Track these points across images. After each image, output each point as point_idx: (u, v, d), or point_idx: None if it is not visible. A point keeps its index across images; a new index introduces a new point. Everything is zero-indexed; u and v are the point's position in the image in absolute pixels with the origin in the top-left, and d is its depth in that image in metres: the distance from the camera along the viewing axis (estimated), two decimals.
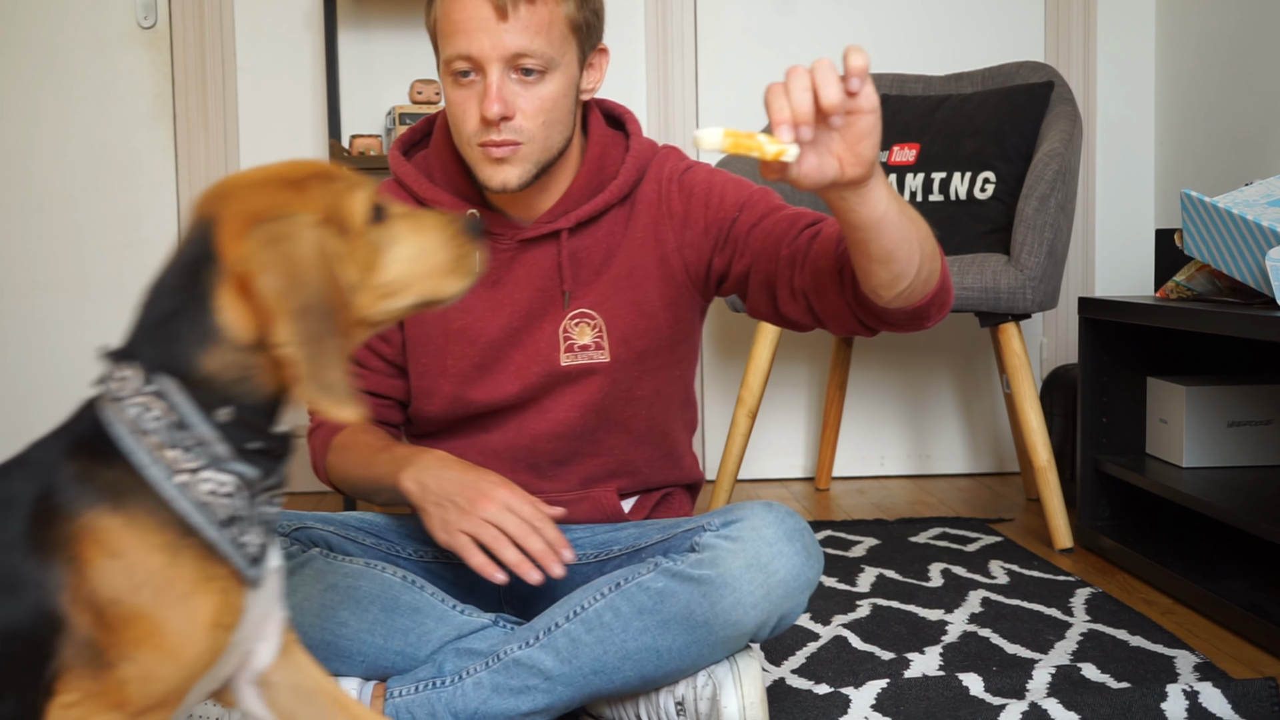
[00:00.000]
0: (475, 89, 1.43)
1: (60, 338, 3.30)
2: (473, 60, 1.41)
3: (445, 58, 1.44)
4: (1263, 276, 1.93)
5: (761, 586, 1.38)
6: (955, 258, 2.53)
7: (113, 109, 3.27)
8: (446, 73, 1.45)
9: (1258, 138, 2.78)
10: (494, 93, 1.40)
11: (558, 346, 1.56)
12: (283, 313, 0.87)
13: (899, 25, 3.29)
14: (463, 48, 1.41)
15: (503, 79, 1.41)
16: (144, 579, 0.86)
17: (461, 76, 1.43)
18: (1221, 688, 1.58)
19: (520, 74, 1.42)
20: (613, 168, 1.57)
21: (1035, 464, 2.52)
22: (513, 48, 1.40)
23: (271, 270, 0.88)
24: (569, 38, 1.45)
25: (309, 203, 0.92)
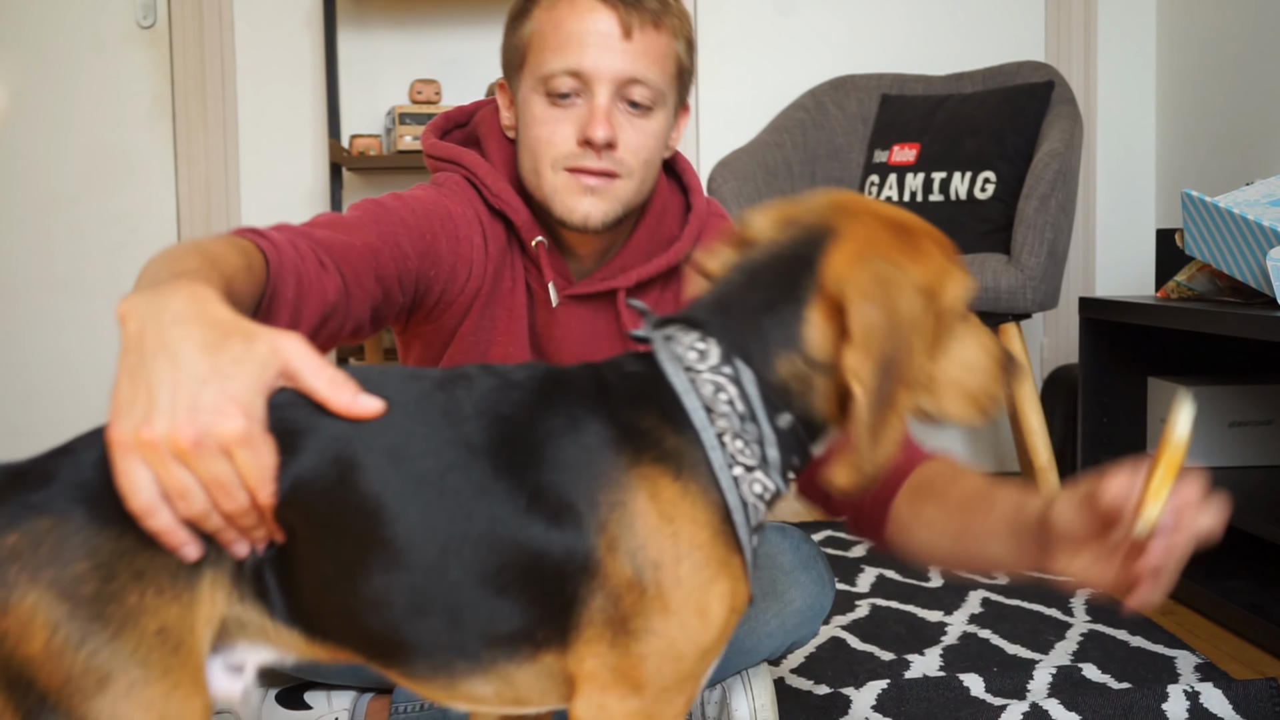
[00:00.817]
0: (574, 111, 1.26)
1: (60, 338, 3.30)
2: (582, 77, 1.24)
3: (546, 72, 1.25)
4: (1263, 276, 1.93)
5: (777, 616, 1.36)
6: None
7: (112, 109, 3.27)
8: (538, 91, 1.26)
9: (1258, 137, 2.78)
10: (603, 114, 1.24)
11: None
12: (865, 349, 0.85)
13: (899, 25, 3.29)
14: (574, 62, 1.24)
15: (611, 104, 1.25)
16: (687, 552, 0.84)
17: (559, 98, 1.26)
18: (1223, 688, 1.58)
19: (627, 105, 1.27)
20: (670, 228, 1.39)
21: (1036, 464, 2.51)
22: (629, 71, 1.25)
23: (872, 306, 0.85)
24: (674, 80, 1.31)
25: (923, 263, 0.90)
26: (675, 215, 1.40)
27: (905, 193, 2.81)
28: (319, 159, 3.26)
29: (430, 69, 3.20)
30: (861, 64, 3.24)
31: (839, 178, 3.02)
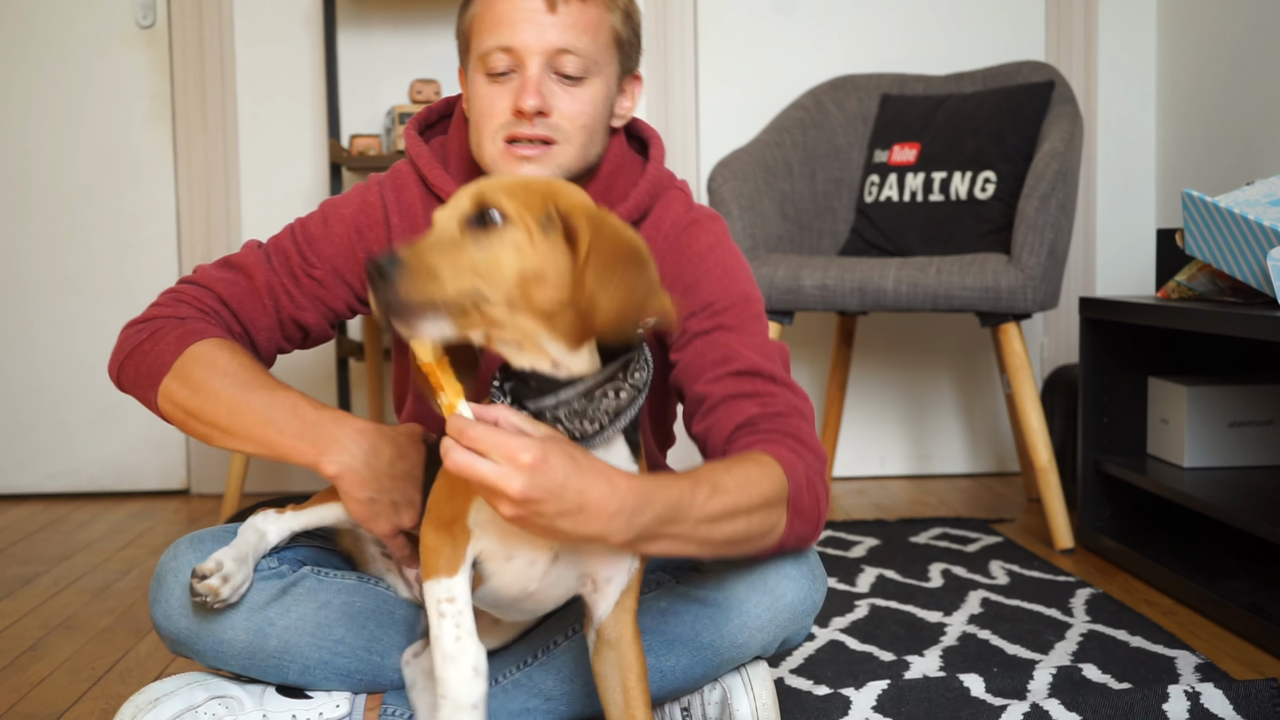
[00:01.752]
0: (509, 85, 1.35)
1: (60, 338, 3.30)
2: (513, 53, 1.34)
3: (481, 52, 1.36)
4: (1264, 276, 1.93)
5: (768, 610, 1.36)
6: (955, 258, 2.52)
7: (112, 109, 3.26)
8: (479, 70, 1.37)
9: (1258, 137, 2.78)
10: (533, 84, 1.33)
11: None
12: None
13: (899, 25, 3.29)
14: (504, 39, 1.33)
15: (542, 74, 1.34)
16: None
17: (497, 75, 1.35)
18: (1223, 688, 1.58)
19: (559, 77, 1.35)
20: (622, 189, 1.46)
21: (1036, 464, 2.51)
22: (557, 43, 1.33)
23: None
24: (611, 49, 1.39)
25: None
26: (630, 179, 1.47)
27: (905, 192, 2.81)
28: (319, 159, 3.26)
29: (430, 69, 3.20)
30: (861, 64, 3.24)
31: (839, 177, 3.02)
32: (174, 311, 1.37)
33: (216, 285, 1.40)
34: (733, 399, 1.32)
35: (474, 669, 1.12)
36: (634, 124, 1.54)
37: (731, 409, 1.32)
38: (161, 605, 1.36)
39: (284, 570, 1.39)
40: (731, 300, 1.38)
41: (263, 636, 1.35)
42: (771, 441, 1.28)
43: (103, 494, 3.33)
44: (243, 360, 1.33)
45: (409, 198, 1.46)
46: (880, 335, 3.34)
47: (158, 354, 1.33)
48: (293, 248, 1.44)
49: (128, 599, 2.27)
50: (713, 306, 1.38)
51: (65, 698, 1.75)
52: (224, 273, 1.42)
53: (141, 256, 3.29)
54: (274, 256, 1.43)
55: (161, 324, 1.35)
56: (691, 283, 1.39)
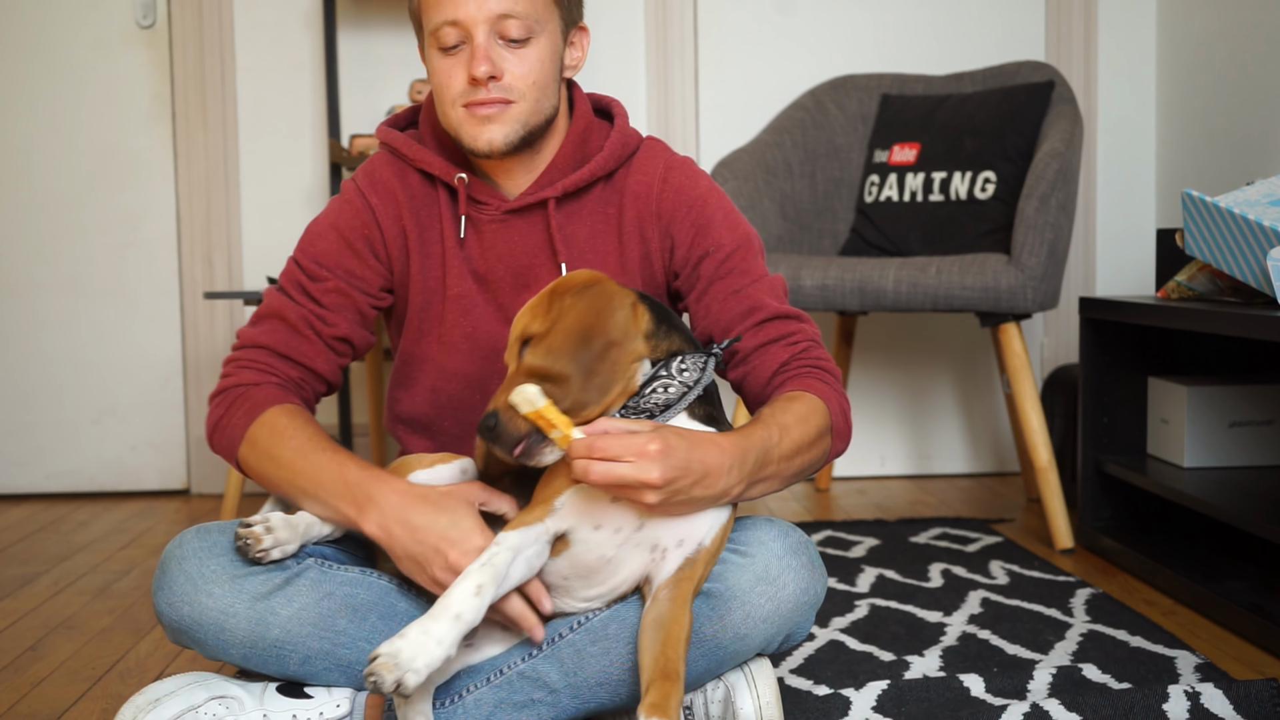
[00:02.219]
0: (461, 56, 1.47)
1: (60, 338, 3.30)
2: (460, 25, 1.45)
3: (431, 28, 1.47)
4: (1264, 276, 1.93)
5: (771, 601, 1.37)
6: (955, 258, 2.52)
7: (112, 109, 3.26)
8: (433, 46, 1.48)
9: (1258, 137, 2.78)
10: (482, 52, 1.45)
11: None
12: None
13: (899, 25, 3.29)
14: (449, 13, 1.45)
15: (489, 41, 1.45)
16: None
17: (449, 49, 1.47)
18: (1223, 688, 1.58)
19: (506, 41, 1.46)
20: (596, 143, 1.59)
21: (1036, 464, 2.51)
22: (498, 9, 1.44)
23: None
24: (551, 6, 1.50)
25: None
26: (600, 134, 1.60)
27: (905, 193, 2.81)
28: (319, 159, 3.26)
29: None
30: (861, 64, 3.24)
31: (839, 178, 3.02)
32: (238, 379, 1.50)
33: (263, 340, 1.52)
34: (763, 347, 1.50)
35: (478, 588, 1.25)
36: (594, 96, 1.65)
37: (765, 356, 1.50)
38: (165, 593, 1.37)
39: (288, 562, 1.40)
40: (737, 241, 1.54)
41: (264, 626, 1.36)
42: (804, 376, 1.47)
43: (103, 494, 3.33)
44: (299, 424, 1.45)
45: (382, 177, 1.57)
46: (880, 335, 3.34)
47: (232, 427, 1.47)
48: (300, 274, 1.54)
49: (128, 599, 2.27)
50: (722, 249, 1.54)
51: (65, 698, 1.75)
52: (262, 327, 1.53)
53: (141, 256, 3.29)
54: (291, 291, 1.54)
55: (233, 395, 1.49)
56: (701, 224, 1.55)
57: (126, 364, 3.31)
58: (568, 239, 1.56)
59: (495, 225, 1.56)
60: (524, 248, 1.56)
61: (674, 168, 1.58)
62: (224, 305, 3.28)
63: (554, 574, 1.37)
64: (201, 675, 1.42)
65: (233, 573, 1.37)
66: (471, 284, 1.57)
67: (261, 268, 3.28)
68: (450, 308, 1.57)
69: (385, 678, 1.18)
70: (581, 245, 1.57)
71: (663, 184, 1.57)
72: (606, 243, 1.57)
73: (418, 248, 1.57)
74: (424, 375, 1.60)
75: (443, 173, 1.55)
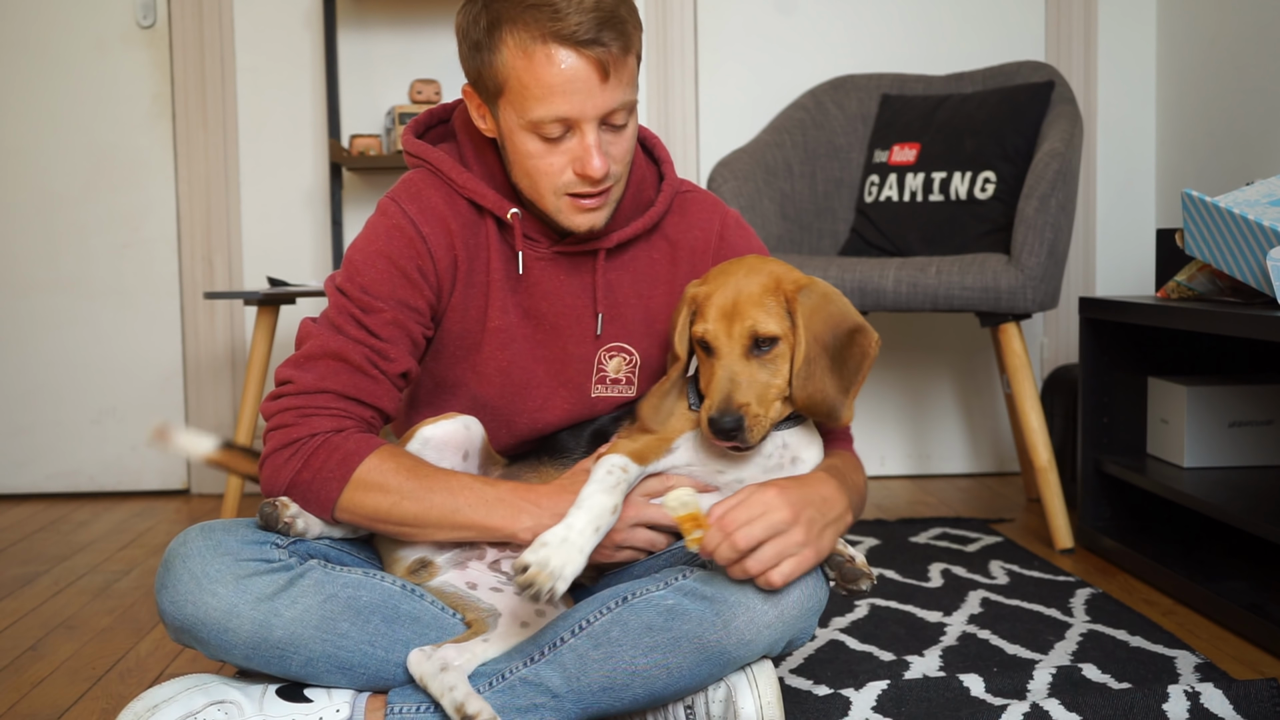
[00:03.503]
0: (565, 146, 1.42)
1: (60, 338, 3.30)
2: (568, 121, 1.40)
3: (534, 119, 1.40)
4: (1264, 276, 1.93)
5: (775, 607, 1.37)
6: (955, 258, 2.52)
7: (112, 109, 3.26)
8: (530, 130, 1.41)
9: (1258, 137, 2.78)
10: (598, 153, 1.41)
11: (589, 375, 1.56)
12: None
13: (899, 25, 3.29)
14: (560, 111, 1.39)
15: (598, 137, 1.42)
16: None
17: (550, 139, 1.42)
18: (1223, 688, 1.58)
19: (609, 127, 1.43)
20: (649, 195, 1.58)
21: (1036, 464, 2.51)
22: (612, 105, 1.41)
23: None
24: (637, 76, 1.47)
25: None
26: (651, 184, 1.60)
27: (905, 193, 2.81)
28: (319, 159, 3.26)
29: (430, 69, 3.20)
30: (861, 64, 3.24)
31: (839, 178, 3.02)
32: (312, 428, 1.42)
33: (328, 383, 1.43)
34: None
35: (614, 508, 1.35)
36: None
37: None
38: (169, 591, 1.36)
39: (291, 563, 1.40)
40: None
41: (268, 627, 1.36)
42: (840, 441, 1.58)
43: (103, 494, 3.33)
44: (405, 465, 1.42)
45: (432, 203, 1.50)
46: (880, 335, 3.33)
47: (323, 484, 1.41)
48: (353, 307, 1.46)
49: (128, 599, 2.27)
50: None
51: (65, 698, 1.75)
52: (320, 368, 1.44)
53: (141, 256, 3.29)
54: (346, 327, 1.45)
55: (310, 446, 1.41)
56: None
57: (126, 364, 3.31)
58: (609, 286, 1.55)
59: (543, 263, 1.53)
60: (569, 288, 1.54)
61: (729, 225, 1.61)
62: (224, 305, 3.28)
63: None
64: (201, 678, 1.41)
65: (237, 573, 1.37)
66: (515, 318, 1.54)
67: (261, 268, 3.28)
68: (489, 340, 1.53)
69: (543, 588, 1.26)
70: (624, 293, 1.56)
71: (720, 240, 1.60)
72: (652, 289, 1.58)
73: (465, 277, 1.51)
74: (455, 402, 1.56)
75: (495, 207, 1.50)
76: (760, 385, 1.39)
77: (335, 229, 3.16)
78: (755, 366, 1.39)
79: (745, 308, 1.40)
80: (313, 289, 2.79)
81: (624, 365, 1.56)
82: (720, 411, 1.35)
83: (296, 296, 2.79)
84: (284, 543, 1.42)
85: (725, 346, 1.40)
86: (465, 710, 1.33)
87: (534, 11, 1.37)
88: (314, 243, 3.28)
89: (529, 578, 1.26)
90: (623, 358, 1.57)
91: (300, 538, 1.43)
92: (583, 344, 1.55)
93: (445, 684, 1.36)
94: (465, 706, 1.33)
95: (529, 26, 1.37)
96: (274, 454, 1.42)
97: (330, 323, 1.46)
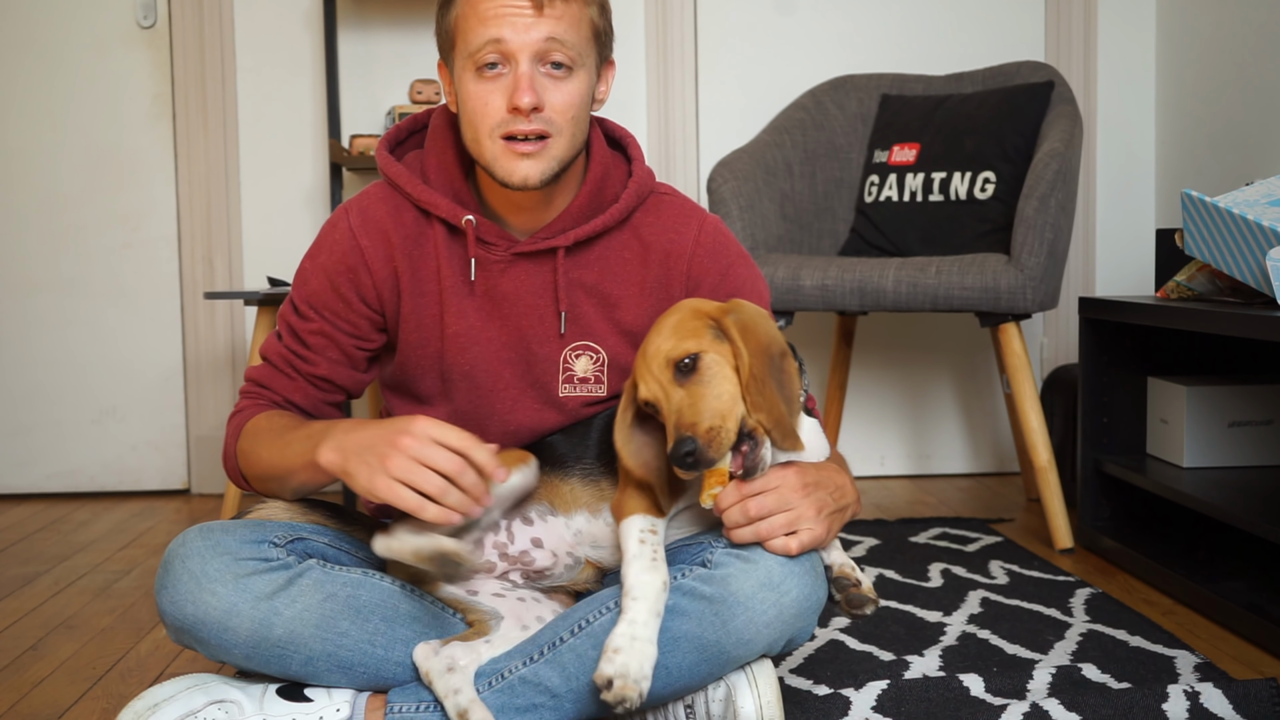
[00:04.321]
0: (501, 81, 1.43)
1: (61, 338, 3.30)
2: (503, 49, 1.41)
3: (471, 48, 1.42)
4: (1263, 276, 1.93)
5: (774, 606, 1.36)
6: (955, 258, 2.52)
7: (112, 109, 3.27)
8: (469, 66, 1.43)
9: (1258, 138, 2.78)
10: (526, 80, 1.41)
11: (555, 375, 1.55)
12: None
13: (899, 25, 3.29)
14: (494, 32, 1.40)
15: (533, 70, 1.42)
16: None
17: (487, 70, 1.42)
18: (1223, 688, 1.58)
19: (549, 68, 1.43)
20: (612, 191, 1.56)
21: (1036, 464, 2.51)
22: (547, 32, 1.41)
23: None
24: (591, 41, 1.47)
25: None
26: (618, 180, 1.58)
27: (905, 193, 2.81)
28: (319, 159, 3.26)
29: (430, 69, 3.20)
30: (861, 64, 3.24)
31: (839, 178, 3.02)
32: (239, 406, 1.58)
33: (256, 376, 1.58)
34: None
35: (664, 584, 1.34)
36: (606, 125, 1.62)
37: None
38: (168, 591, 1.37)
39: (290, 561, 1.40)
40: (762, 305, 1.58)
41: (268, 626, 1.36)
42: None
43: (103, 494, 3.33)
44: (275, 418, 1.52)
45: (377, 215, 1.54)
46: (880, 335, 3.34)
47: (229, 447, 1.56)
48: (293, 316, 1.57)
49: (128, 599, 2.27)
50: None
51: (65, 698, 1.75)
52: (259, 367, 1.59)
53: (141, 256, 3.29)
54: (283, 333, 1.58)
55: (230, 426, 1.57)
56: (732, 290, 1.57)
57: (126, 364, 3.31)
58: (571, 285, 1.54)
59: (501, 266, 1.53)
60: (530, 289, 1.54)
61: (706, 230, 1.58)
62: (224, 305, 3.28)
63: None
64: (201, 678, 1.42)
65: (236, 572, 1.37)
66: (475, 321, 1.54)
67: (261, 268, 3.28)
68: (449, 345, 1.54)
69: (632, 697, 1.28)
70: (589, 290, 1.55)
71: (695, 245, 1.57)
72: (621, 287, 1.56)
73: (410, 286, 1.53)
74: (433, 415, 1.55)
75: (449, 215, 1.51)
76: (703, 401, 1.32)
77: None
78: (690, 388, 1.33)
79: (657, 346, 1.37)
80: None
81: (591, 364, 1.56)
82: (674, 446, 1.29)
83: None
84: (282, 541, 1.42)
85: (655, 389, 1.35)
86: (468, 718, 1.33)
87: None
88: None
89: (617, 693, 1.27)
90: (590, 356, 1.56)
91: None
92: (547, 344, 1.55)
93: (450, 685, 1.36)
94: (469, 714, 1.33)
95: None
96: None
97: (278, 327, 1.59)
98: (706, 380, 1.34)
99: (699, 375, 1.34)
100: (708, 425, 1.30)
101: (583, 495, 1.51)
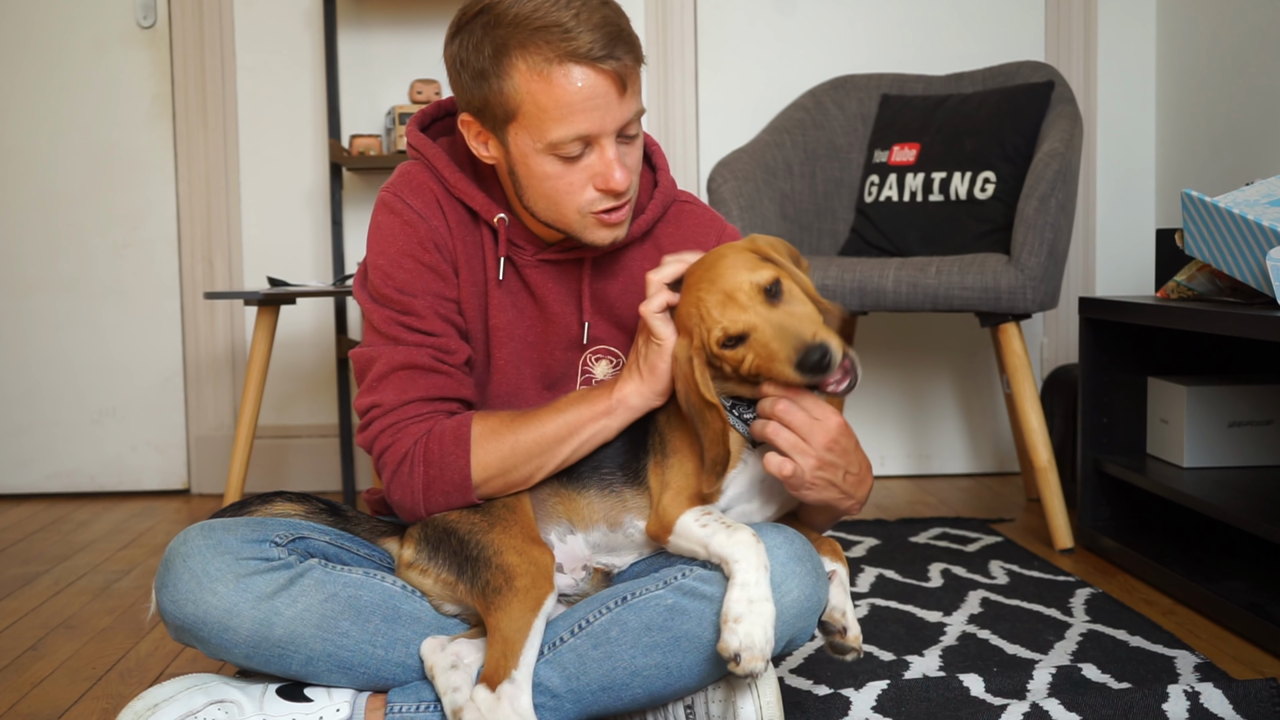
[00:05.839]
0: (584, 163, 1.41)
1: (60, 338, 3.30)
2: (589, 139, 1.39)
3: (555, 140, 1.38)
4: (1263, 276, 1.93)
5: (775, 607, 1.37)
6: (955, 258, 2.52)
7: (112, 109, 3.27)
8: (548, 152, 1.39)
9: (1258, 138, 2.78)
10: (619, 167, 1.40)
11: (574, 378, 1.56)
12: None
13: (899, 25, 3.29)
14: (582, 130, 1.38)
15: (617, 150, 1.41)
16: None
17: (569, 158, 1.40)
18: (1223, 688, 1.58)
19: (624, 138, 1.42)
20: (639, 203, 1.56)
21: (1036, 464, 2.51)
22: (628, 117, 1.40)
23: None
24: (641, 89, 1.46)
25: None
26: (644, 191, 1.58)
27: (905, 193, 2.81)
28: (319, 159, 3.26)
29: (430, 69, 3.20)
30: (861, 64, 3.24)
31: (839, 178, 3.02)
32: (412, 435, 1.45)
33: (409, 393, 1.46)
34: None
35: (755, 536, 1.33)
36: None
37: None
38: (169, 590, 1.36)
39: (292, 561, 1.40)
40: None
41: (268, 626, 1.36)
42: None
43: (103, 494, 3.33)
44: (503, 414, 1.46)
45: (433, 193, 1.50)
46: (880, 335, 3.34)
47: (451, 467, 1.44)
48: (398, 314, 1.48)
49: (128, 599, 2.27)
50: None
51: (65, 698, 1.75)
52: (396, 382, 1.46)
53: (141, 256, 3.29)
54: (402, 336, 1.47)
55: (420, 449, 1.44)
56: None
57: (126, 364, 3.31)
58: (596, 295, 1.55)
59: (530, 268, 1.54)
60: (555, 295, 1.54)
61: (725, 241, 1.58)
62: (224, 305, 3.28)
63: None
64: (201, 678, 1.41)
65: (237, 572, 1.37)
66: (511, 317, 1.54)
67: (261, 268, 3.28)
68: (494, 336, 1.54)
69: (760, 665, 1.27)
70: (612, 300, 1.56)
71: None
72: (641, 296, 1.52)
73: (465, 269, 1.51)
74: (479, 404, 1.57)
75: (484, 210, 1.50)
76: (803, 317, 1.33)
77: (335, 229, 3.16)
78: (784, 309, 1.34)
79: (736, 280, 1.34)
80: (313, 289, 2.79)
81: (611, 369, 1.57)
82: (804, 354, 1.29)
83: (296, 296, 2.79)
84: (283, 541, 1.42)
85: (750, 317, 1.33)
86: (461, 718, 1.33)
87: (543, 34, 1.35)
88: (314, 243, 3.28)
89: (746, 667, 1.26)
90: (610, 360, 1.57)
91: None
92: (569, 349, 1.56)
93: (450, 682, 1.36)
94: (463, 714, 1.33)
95: (541, 49, 1.36)
96: (393, 476, 1.46)
97: (384, 336, 1.48)
98: (794, 299, 1.35)
99: (786, 296, 1.35)
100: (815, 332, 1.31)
101: (600, 508, 1.47)
